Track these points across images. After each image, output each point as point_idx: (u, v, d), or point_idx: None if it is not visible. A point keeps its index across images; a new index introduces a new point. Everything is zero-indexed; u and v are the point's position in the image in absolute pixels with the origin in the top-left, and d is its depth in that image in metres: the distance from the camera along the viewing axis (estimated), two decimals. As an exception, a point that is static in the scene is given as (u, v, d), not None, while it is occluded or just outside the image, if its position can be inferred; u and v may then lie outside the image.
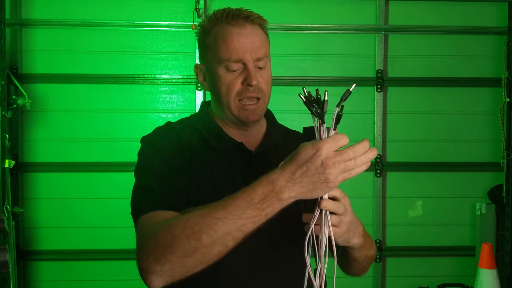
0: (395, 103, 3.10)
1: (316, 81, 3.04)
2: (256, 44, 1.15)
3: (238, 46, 1.14)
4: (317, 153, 0.87)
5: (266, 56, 1.18)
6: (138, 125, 2.98)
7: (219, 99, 1.19)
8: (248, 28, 1.16)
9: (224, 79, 1.16)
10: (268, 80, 1.19)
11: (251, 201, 0.90)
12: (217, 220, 0.90)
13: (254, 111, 1.17)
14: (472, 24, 3.10)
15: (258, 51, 1.15)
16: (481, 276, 2.83)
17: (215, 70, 1.17)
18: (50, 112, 2.96)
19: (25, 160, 2.95)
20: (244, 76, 1.15)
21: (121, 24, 2.96)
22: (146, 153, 1.18)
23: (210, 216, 0.91)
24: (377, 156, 3.05)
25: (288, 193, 0.89)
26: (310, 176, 0.88)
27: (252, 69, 1.15)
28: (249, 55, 1.14)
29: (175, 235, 0.91)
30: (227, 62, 1.15)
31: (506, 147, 2.99)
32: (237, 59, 1.14)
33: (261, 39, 1.18)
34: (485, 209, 3.07)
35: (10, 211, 2.53)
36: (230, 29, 1.15)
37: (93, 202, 2.95)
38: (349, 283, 2.92)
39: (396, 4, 3.10)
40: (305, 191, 0.89)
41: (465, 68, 3.12)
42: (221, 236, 0.90)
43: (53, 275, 2.98)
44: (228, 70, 1.15)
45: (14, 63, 2.90)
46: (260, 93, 1.16)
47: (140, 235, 1.01)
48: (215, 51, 1.17)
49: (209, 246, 0.90)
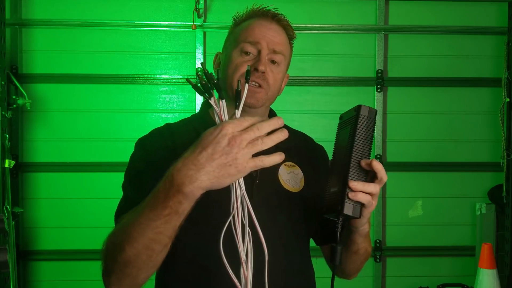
0: (395, 103, 3.10)
1: (316, 81, 3.04)
2: (276, 39, 1.18)
3: (257, 31, 1.17)
4: (222, 131, 0.79)
5: (282, 53, 1.19)
6: (138, 125, 2.98)
7: (225, 79, 1.18)
8: (273, 25, 1.20)
9: (235, 60, 1.17)
10: (277, 77, 1.19)
11: (158, 200, 0.84)
12: (134, 226, 0.87)
13: (254, 93, 1.15)
14: (472, 24, 3.10)
15: (276, 44, 1.18)
16: (481, 276, 2.83)
17: (230, 52, 1.19)
18: (50, 112, 2.96)
19: (25, 160, 2.95)
20: (254, 61, 1.16)
21: (121, 24, 2.96)
22: (136, 155, 1.18)
23: (130, 224, 0.89)
24: (377, 156, 3.06)
25: (191, 184, 0.80)
26: (217, 159, 0.79)
27: (265, 56, 1.16)
28: (265, 42, 1.16)
29: (110, 257, 0.94)
30: (243, 43, 1.16)
31: (506, 147, 2.99)
32: (253, 41, 1.16)
33: (282, 38, 1.21)
34: (485, 209, 3.07)
35: (10, 211, 2.53)
36: (257, 20, 1.21)
37: (93, 202, 2.95)
38: (349, 283, 2.92)
39: (396, 4, 3.10)
40: (211, 178, 0.79)
41: (465, 68, 3.12)
42: (143, 243, 0.87)
43: (53, 275, 2.98)
44: (242, 52, 1.16)
45: (14, 63, 2.90)
46: (264, 82, 1.16)
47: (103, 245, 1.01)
48: (236, 37, 1.20)
49: (135, 255, 0.89)
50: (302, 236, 1.23)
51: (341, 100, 3.06)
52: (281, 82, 1.23)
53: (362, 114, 0.97)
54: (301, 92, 3.04)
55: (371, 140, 0.97)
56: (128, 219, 0.92)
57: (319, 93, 3.05)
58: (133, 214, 0.90)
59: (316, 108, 3.03)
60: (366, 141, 0.97)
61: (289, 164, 1.21)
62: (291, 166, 1.21)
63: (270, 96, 1.19)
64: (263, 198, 1.14)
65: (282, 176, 1.18)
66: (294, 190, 1.18)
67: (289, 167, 1.20)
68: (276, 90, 1.21)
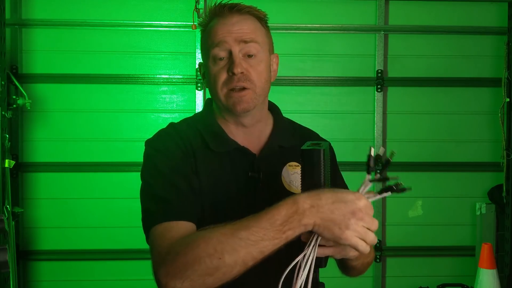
0: (395, 103, 3.10)
1: (316, 81, 3.04)
2: (241, 30, 1.11)
3: (221, 32, 1.11)
4: (357, 200, 0.88)
5: (254, 40, 1.12)
6: (138, 125, 2.98)
7: (211, 91, 1.16)
8: (235, 18, 1.13)
9: (212, 70, 1.13)
10: (260, 70, 1.13)
11: (274, 222, 0.87)
12: (240, 240, 0.88)
13: (241, 99, 1.10)
14: (472, 24, 3.10)
15: (243, 35, 1.11)
16: (481, 276, 2.83)
17: (206, 63, 1.16)
18: (50, 112, 2.96)
19: (25, 160, 2.95)
20: (229, 65, 1.11)
21: (121, 24, 2.96)
22: (154, 158, 1.13)
23: (233, 236, 0.89)
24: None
25: (309, 219, 0.86)
26: (337, 214, 0.86)
27: (237, 56, 1.10)
28: (231, 39, 1.10)
29: (198, 253, 0.89)
30: (212, 50, 1.12)
31: (506, 147, 2.99)
32: (219, 43, 1.10)
33: (250, 26, 1.13)
34: (485, 209, 3.07)
35: (10, 211, 2.52)
36: (217, 21, 1.14)
37: (93, 202, 2.95)
38: (349, 283, 2.92)
39: (396, 4, 3.10)
40: (320, 224, 0.87)
41: (465, 68, 3.12)
42: (242, 256, 0.88)
43: (53, 275, 2.98)
44: (215, 60, 1.12)
45: (14, 63, 2.90)
46: (247, 82, 1.10)
47: (159, 247, 0.98)
48: (205, 44, 1.16)
49: (231, 266, 0.88)
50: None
51: (341, 100, 3.06)
52: (267, 70, 1.16)
53: (304, 159, 0.92)
54: (301, 92, 3.04)
55: (319, 182, 0.93)
56: (226, 231, 0.90)
57: (319, 93, 3.05)
58: (231, 229, 0.90)
59: (316, 108, 3.03)
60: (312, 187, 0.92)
61: (293, 165, 1.19)
62: (295, 166, 1.19)
63: (260, 92, 1.13)
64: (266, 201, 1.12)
65: (285, 178, 1.17)
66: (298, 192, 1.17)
67: (293, 168, 1.18)
68: (264, 82, 1.15)
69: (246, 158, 1.15)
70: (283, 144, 1.20)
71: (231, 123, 1.18)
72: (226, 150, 1.15)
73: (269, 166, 1.15)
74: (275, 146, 1.19)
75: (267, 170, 1.15)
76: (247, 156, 1.15)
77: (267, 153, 1.17)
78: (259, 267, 0.92)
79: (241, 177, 1.14)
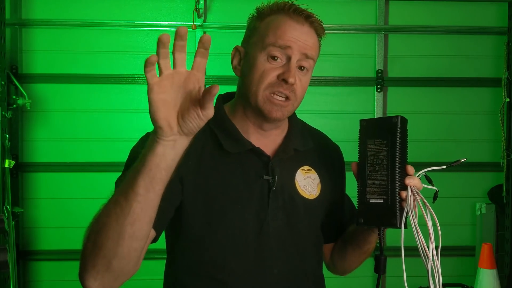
0: (395, 103, 3.10)
1: (316, 81, 3.04)
2: (308, 43, 1.08)
3: (289, 35, 1.06)
4: None
5: (313, 58, 1.10)
6: (138, 125, 2.98)
7: (248, 86, 1.09)
8: (305, 27, 1.09)
9: (261, 66, 1.07)
10: (304, 87, 1.11)
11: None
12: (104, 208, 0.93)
13: (280, 107, 1.07)
14: (472, 24, 3.09)
15: (308, 49, 1.08)
16: (481, 276, 2.83)
17: (256, 55, 1.08)
18: (50, 112, 2.95)
19: (25, 160, 2.95)
20: (283, 70, 1.06)
21: (121, 24, 2.96)
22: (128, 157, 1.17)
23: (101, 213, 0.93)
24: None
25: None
26: None
27: (294, 65, 1.06)
28: (297, 48, 1.06)
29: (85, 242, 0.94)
30: (271, 47, 1.06)
31: (506, 147, 2.99)
32: (283, 45, 1.05)
33: (314, 42, 1.11)
34: (485, 209, 3.07)
35: (10, 211, 2.53)
36: (287, 21, 1.08)
37: (93, 202, 2.92)
38: (349, 283, 2.92)
39: (396, 4, 3.10)
40: None
41: (465, 68, 3.12)
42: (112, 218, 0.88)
43: (53, 275, 2.98)
44: (269, 57, 1.06)
45: (14, 63, 2.90)
46: (292, 93, 1.07)
47: None
48: (262, 36, 1.08)
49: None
50: (317, 243, 1.21)
51: (341, 100, 3.06)
52: (306, 90, 1.13)
53: (400, 125, 1.00)
54: (301, 92, 3.04)
55: (407, 150, 1.03)
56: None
57: (319, 93, 3.05)
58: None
59: (316, 108, 3.03)
60: (405, 154, 1.02)
61: (306, 169, 1.18)
62: (308, 170, 1.18)
63: (296, 106, 1.12)
64: (280, 206, 1.11)
65: (298, 182, 1.15)
66: (310, 197, 1.16)
67: (306, 172, 1.17)
68: (302, 100, 1.13)
69: (260, 160, 1.12)
70: (298, 148, 1.18)
71: (250, 123, 1.14)
72: (240, 151, 1.11)
73: (284, 169, 1.13)
74: (290, 149, 1.16)
75: (281, 173, 1.12)
76: (261, 158, 1.12)
77: (282, 156, 1.14)
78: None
79: (252, 179, 1.11)
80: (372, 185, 1.02)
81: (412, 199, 0.96)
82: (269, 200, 1.10)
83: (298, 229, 1.12)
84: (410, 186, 0.99)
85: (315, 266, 1.20)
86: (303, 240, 1.14)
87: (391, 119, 1.02)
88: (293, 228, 1.11)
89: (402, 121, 1.02)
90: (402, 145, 1.01)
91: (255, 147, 1.11)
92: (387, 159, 1.01)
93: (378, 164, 1.02)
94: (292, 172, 1.15)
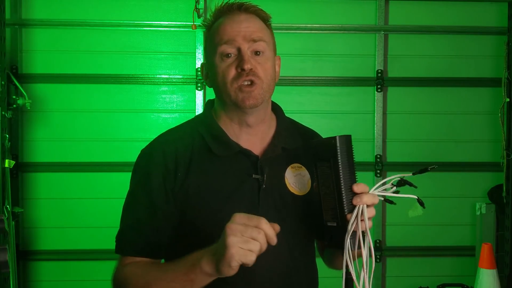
0: (395, 103, 3.10)
1: (316, 81, 3.04)
2: (250, 29, 1.13)
3: (230, 29, 1.13)
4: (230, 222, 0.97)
5: (262, 39, 1.14)
6: (138, 125, 2.98)
7: (218, 89, 1.16)
8: (242, 16, 1.15)
9: (220, 67, 1.13)
10: (267, 68, 1.14)
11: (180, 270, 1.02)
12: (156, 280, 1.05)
13: (250, 93, 1.11)
14: (472, 24, 3.09)
15: (252, 33, 1.13)
16: (481, 276, 2.83)
17: (213, 61, 1.15)
18: (50, 112, 2.96)
19: (25, 160, 2.95)
20: (238, 61, 1.12)
21: (121, 24, 2.96)
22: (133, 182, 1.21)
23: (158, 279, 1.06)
24: (377, 156, 3.06)
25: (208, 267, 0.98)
26: (217, 248, 0.98)
27: (246, 52, 1.12)
28: (241, 37, 1.12)
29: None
30: (220, 46, 1.12)
31: (506, 147, 2.99)
32: (228, 40, 1.12)
33: (256, 25, 1.15)
34: (485, 209, 3.07)
35: (10, 211, 2.53)
36: (225, 19, 1.15)
37: (93, 202, 2.95)
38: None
39: (396, 4, 3.10)
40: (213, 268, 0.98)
41: (465, 68, 3.12)
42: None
43: (53, 275, 2.98)
44: (223, 57, 1.12)
45: (14, 63, 2.90)
46: (255, 77, 1.11)
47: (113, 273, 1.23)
48: (212, 42, 1.16)
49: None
50: (308, 239, 1.23)
51: (341, 100, 3.06)
52: (273, 68, 1.18)
53: (340, 145, 0.98)
54: (301, 92, 3.04)
55: (354, 167, 1.00)
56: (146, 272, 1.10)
57: (319, 93, 3.05)
58: (152, 270, 1.08)
59: (316, 108, 3.03)
60: (351, 173, 1.00)
61: (296, 166, 1.19)
62: (297, 168, 1.19)
63: (266, 88, 1.14)
64: (270, 203, 1.14)
65: (288, 179, 1.17)
66: (300, 193, 1.17)
67: (295, 169, 1.18)
68: (271, 79, 1.16)
69: (248, 160, 1.15)
70: (286, 146, 1.20)
71: (235, 123, 1.18)
72: (229, 154, 1.15)
73: (272, 168, 1.15)
74: (278, 147, 1.19)
75: (271, 172, 1.15)
76: (250, 158, 1.15)
77: (270, 155, 1.17)
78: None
79: (243, 179, 1.14)
80: (326, 209, 1.02)
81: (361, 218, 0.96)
82: (259, 198, 1.13)
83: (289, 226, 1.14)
84: (359, 205, 0.97)
85: (307, 262, 1.21)
86: (294, 236, 1.16)
87: (330, 141, 0.99)
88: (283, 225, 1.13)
89: (341, 140, 0.99)
90: (345, 166, 0.98)
91: (243, 149, 1.15)
92: (332, 182, 0.99)
93: (328, 187, 1.01)
94: (281, 170, 1.17)
